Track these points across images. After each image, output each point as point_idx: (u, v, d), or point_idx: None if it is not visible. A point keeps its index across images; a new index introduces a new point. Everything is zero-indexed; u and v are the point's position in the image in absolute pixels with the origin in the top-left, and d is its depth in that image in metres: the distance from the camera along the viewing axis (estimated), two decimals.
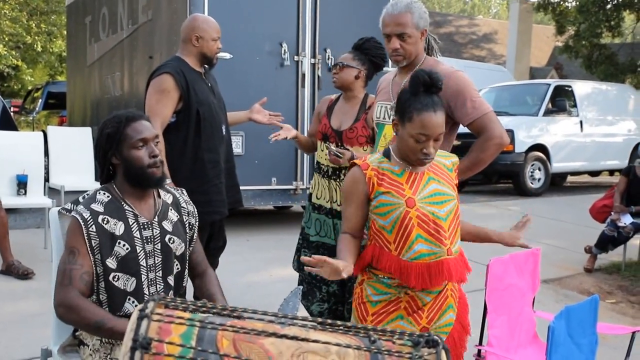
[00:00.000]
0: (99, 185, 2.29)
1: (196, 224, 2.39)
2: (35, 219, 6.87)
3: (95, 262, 2.09)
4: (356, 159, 2.27)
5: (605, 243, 5.72)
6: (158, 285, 2.21)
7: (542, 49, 26.29)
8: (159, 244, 2.21)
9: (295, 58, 6.35)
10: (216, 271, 3.61)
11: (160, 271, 2.21)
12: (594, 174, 13.35)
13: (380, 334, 1.27)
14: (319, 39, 6.43)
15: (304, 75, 6.39)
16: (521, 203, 9.49)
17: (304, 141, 3.70)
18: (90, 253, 2.08)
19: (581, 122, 11.08)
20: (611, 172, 13.63)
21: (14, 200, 5.21)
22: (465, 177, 2.73)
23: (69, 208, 2.19)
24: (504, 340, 2.82)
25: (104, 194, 2.20)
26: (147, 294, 2.17)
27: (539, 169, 10.42)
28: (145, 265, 2.17)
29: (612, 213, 5.85)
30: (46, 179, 6.01)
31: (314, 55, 6.43)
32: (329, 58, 6.47)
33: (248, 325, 1.20)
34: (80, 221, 2.09)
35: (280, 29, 6.28)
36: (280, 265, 5.32)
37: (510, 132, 9.78)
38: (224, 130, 3.43)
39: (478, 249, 5.96)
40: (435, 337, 1.23)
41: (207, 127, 3.30)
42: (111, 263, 2.11)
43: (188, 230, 2.34)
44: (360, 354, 1.20)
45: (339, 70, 3.33)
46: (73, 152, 6.63)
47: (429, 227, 2.09)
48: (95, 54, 8.41)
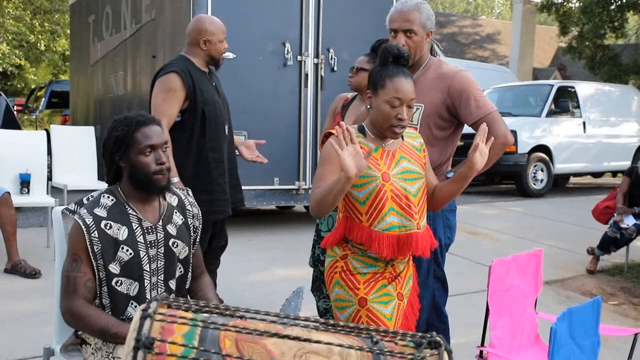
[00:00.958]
0: (102, 184, 2.29)
1: (200, 226, 2.38)
2: (38, 218, 6.88)
3: (98, 268, 2.09)
4: (331, 130, 2.30)
5: (607, 244, 5.71)
6: (159, 289, 2.21)
7: (546, 49, 26.26)
8: (163, 248, 2.21)
9: (299, 58, 6.35)
10: (218, 270, 3.63)
11: (162, 275, 2.21)
12: (597, 175, 13.33)
13: (383, 334, 1.27)
14: (322, 39, 6.43)
15: (307, 75, 6.39)
16: (524, 204, 9.48)
17: None
18: (92, 259, 2.09)
19: (584, 123, 11.06)
20: (614, 174, 13.61)
21: (17, 199, 5.20)
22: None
23: (73, 209, 2.18)
24: (506, 341, 2.82)
25: (108, 197, 2.18)
26: (149, 298, 2.16)
27: (542, 170, 10.41)
28: (148, 269, 2.17)
29: (615, 214, 5.84)
30: (49, 178, 6.02)
31: (317, 55, 6.43)
32: (332, 58, 6.47)
33: (250, 325, 1.20)
34: (83, 227, 2.08)
35: (284, 28, 6.28)
36: (282, 265, 5.33)
37: (513, 133, 9.75)
38: (227, 130, 3.44)
39: (480, 250, 5.98)
40: (438, 338, 1.23)
41: (212, 127, 3.31)
42: (114, 268, 2.10)
43: (192, 233, 2.34)
44: (362, 354, 1.20)
45: (354, 73, 3.37)
46: (76, 151, 6.63)
47: (401, 202, 2.20)
48: (98, 53, 8.43)
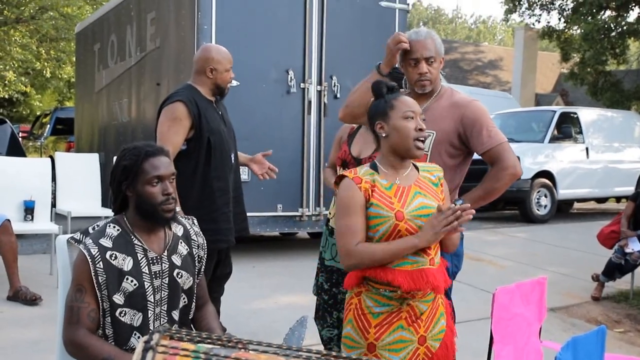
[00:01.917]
0: (106, 210, 2.30)
1: (205, 256, 2.38)
2: (42, 245, 6.88)
3: (102, 298, 2.09)
4: (344, 172, 2.29)
5: (612, 271, 5.68)
6: (163, 320, 2.20)
7: (548, 75, 26.40)
8: (167, 279, 2.20)
9: (302, 85, 6.40)
10: (222, 298, 3.61)
11: (165, 305, 2.21)
12: (601, 200, 13.30)
13: None
14: (325, 66, 6.48)
15: (310, 102, 6.43)
16: (527, 230, 9.45)
17: None
18: (97, 290, 2.08)
19: (587, 149, 11.07)
20: (618, 199, 13.58)
21: (21, 226, 5.22)
22: (477, 207, 2.74)
23: (78, 239, 2.19)
24: None
25: (114, 227, 2.18)
26: (152, 328, 2.15)
27: (545, 196, 10.39)
28: (152, 300, 2.16)
29: (620, 239, 5.82)
30: (53, 205, 6.03)
31: (320, 83, 6.48)
32: (335, 85, 6.52)
33: (253, 357, 1.20)
34: (88, 257, 2.08)
35: (287, 56, 6.34)
36: (286, 292, 5.31)
37: None
38: (233, 159, 3.46)
39: (484, 276, 5.94)
40: None
41: (217, 156, 3.33)
42: (118, 299, 2.10)
43: (197, 263, 2.33)
44: None
45: None
46: (80, 178, 6.66)
47: None
48: (103, 81, 8.50)
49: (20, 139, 9.67)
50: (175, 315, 2.24)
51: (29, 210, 5.51)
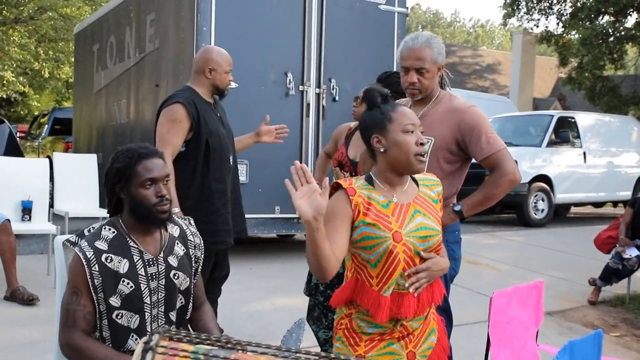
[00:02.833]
0: (103, 211, 2.30)
1: (202, 256, 2.38)
2: (39, 245, 6.87)
3: (98, 301, 2.09)
4: (340, 180, 2.15)
5: (609, 275, 5.69)
6: (160, 321, 2.20)
7: (546, 80, 26.46)
8: (164, 280, 2.20)
9: (300, 88, 6.41)
10: (219, 300, 3.62)
11: (162, 306, 2.21)
12: (598, 205, 13.33)
13: None
14: (324, 69, 6.49)
15: (308, 105, 6.44)
16: (525, 234, 9.47)
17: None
18: (93, 292, 2.08)
19: (584, 154, 11.10)
20: (615, 204, 13.61)
21: (18, 226, 5.21)
22: (475, 212, 2.74)
23: (74, 241, 2.17)
24: None
25: (109, 229, 2.18)
26: (150, 330, 2.15)
27: (543, 200, 10.41)
28: (149, 302, 2.16)
29: (617, 245, 5.83)
30: (51, 205, 6.03)
31: (318, 85, 6.49)
32: (333, 88, 6.53)
33: (252, 358, 1.20)
34: (83, 260, 2.08)
35: (286, 58, 6.35)
36: (283, 294, 5.31)
37: None
38: (231, 160, 3.46)
39: (481, 280, 5.95)
40: None
41: (216, 158, 3.34)
42: (114, 301, 2.10)
43: (193, 264, 2.33)
44: None
45: (359, 103, 3.35)
46: (78, 179, 6.65)
47: (412, 263, 2.05)
48: (102, 82, 8.50)
49: (18, 139, 9.66)
50: (173, 316, 2.24)
51: (26, 210, 5.50)
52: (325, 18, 6.46)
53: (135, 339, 2.13)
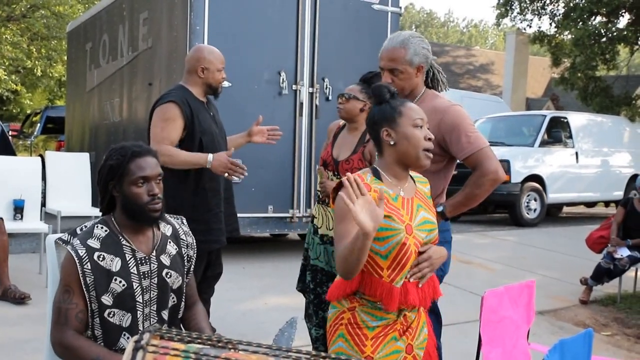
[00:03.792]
0: (96, 210, 2.29)
1: (194, 255, 2.38)
2: (31, 244, 6.85)
3: (90, 299, 2.09)
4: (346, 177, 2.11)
5: (601, 275, 5.72)
6: (152, 320, 2.20)
7: (539, 80, 26.55)
8: (156, 279, 2.20)
9: (294, 87, 6.41)
10: (211, 299, 3.62)
11: (155, 305, 2.20)
12: (590, 205, 13.39)
13: None
14: (317, 68, 6.50)
15: (301, 104, 6.44)
16: (517, 233, 9.50)
17: None
18: (85, 291, 2.08)
19: (577, 154, 11.15)
20: (607, 204, 13.68)
21: (10, 225, 5.20)
22: (458, 213, 2.72)
23: (66, 239, 2.17)
24: None
25: (102, 227, 2.18)
26: (142, 329, 2.15)
27: (535, 200, 10.45)
28: (141, 300, 2.16)
29: (609, 245, 5.86)
30: (43, 204, 6.01)
31: (312, 85, 6.49)
32: (326, 87, 6.53)
33: (243, 357, 1.20)
34: (76, 259, 2.08)
35: (279, 57, 6.34)
36: (275, 293, 5.31)
37: (506, 163, 9.84)
38: None
39: (473, 279, 5.97)
40: None
41: None
42: (106, 300, 2.10)
43: (186, 263, 2.33)
44: None
45: (344, 101, 3.33)
46: (70, 178, 6.62)
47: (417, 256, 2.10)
48: (94, 80, 8.47)
49: (10, 138, 9.61)
50: (165, 315, 2.24)
51: (18, 209, 5.48)
52: (319, 17, 6.47)
53: (127, 338, 2.13)
